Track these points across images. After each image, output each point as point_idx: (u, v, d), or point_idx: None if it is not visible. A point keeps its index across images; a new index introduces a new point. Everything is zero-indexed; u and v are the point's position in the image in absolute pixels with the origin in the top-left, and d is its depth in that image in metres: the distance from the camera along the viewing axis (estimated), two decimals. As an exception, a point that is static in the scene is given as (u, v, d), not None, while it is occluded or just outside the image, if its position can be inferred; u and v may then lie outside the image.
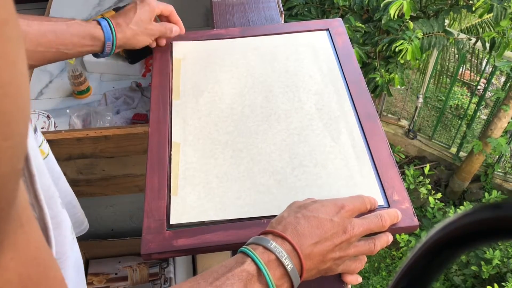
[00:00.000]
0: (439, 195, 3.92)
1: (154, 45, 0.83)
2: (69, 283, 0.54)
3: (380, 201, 0.61)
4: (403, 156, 4.64)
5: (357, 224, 0.52)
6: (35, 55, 0.68)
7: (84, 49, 0.74)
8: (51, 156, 0.65)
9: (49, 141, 1.10)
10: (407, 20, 2.67)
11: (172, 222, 0.59)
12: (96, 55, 0.79)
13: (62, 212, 0.55)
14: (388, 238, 0.56)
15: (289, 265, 0.47)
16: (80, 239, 1.44)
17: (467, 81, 4.77)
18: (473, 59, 4.43)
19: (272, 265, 0.47)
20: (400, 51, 2.62)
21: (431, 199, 3.81)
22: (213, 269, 0.47)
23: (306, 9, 2.89)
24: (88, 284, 1.36)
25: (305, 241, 0.49)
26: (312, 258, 0.49)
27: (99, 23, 0.74)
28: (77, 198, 1.25)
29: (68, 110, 1.33)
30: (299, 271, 0.48)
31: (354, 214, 0.54)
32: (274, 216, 0.60)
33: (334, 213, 0.51)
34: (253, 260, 0.47)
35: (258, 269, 0.47)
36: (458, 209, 3.97)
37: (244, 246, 0.50)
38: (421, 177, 3.96)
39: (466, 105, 4.70)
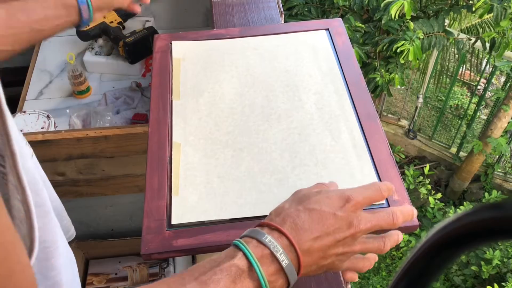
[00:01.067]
0: (439, 195, 3.92)
1: (130, 8, 0.81)
2: (61, 270, 0.53)
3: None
4: (403, 156, 4.64)
5: (364, 219, 0.48)
6: (8, 40, 0.66)
7: (60, 21, 0.71)
8: (35, 159, 0.64)
9: (49, 141, 1.10)
10: (408, 20, 2.67)
11: (173, 222, 0.59)
12: (78, 32, 0.74)
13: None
14: (398, 238, 0.52)
15: (284, 260, 0.45)
16: (80, 239, 1.45)
17: (467, 81, 4.76)
18: (473, 59, 4.43)
19: (265, 260, 0.44)
20: (402, 51, 2.62)
21: (431, 199, 3.81)
22: (202, 263, 0.45)
23: (306, 9, 2.89)
24: (88, 284, 1.36)
25: (304, 235, 0.46)
26: (311, 254, 0.46)
27: None
28: (77, 199, 1.25)
29: (68, 110, 1.33)
30: (296, 267, 0.46)
31: (363, 206, 0.49)
32: (274, 216, 0.60)
33: (338, 206, 0.48)
34: (244, 254, 0.44)
35: (250, 264, 0.44)
36: (458, 209, 3.97)
37: (237, 239, 0.47)
38: (421, 177, 3.96)
39: (466, 105, 4.70)
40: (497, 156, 4.32)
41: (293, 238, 0.46)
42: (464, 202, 4.05)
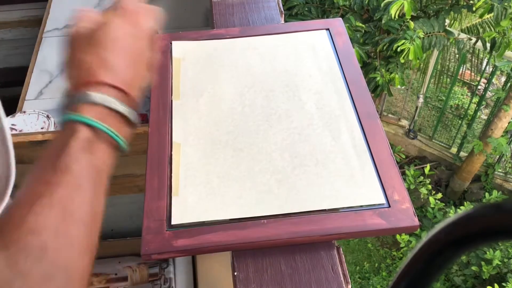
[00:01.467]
0: (439, 195, 3.92)
1: None
2: None
3: (381, 200, 0.61)
4: (404, 156, 4.64)
5: (147, 13, 0.48)
6: None
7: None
8: None
9: (49, 141, 1.10)
10: (408, 20, 2.67)
11: (173, 222, 0.59)
12: None
13: None
14: None
15: (120, 107, 0.42)
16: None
17: (468, 81, 4.76)
18: (473, 59, 4.43)
19: (104, 116, 0.41)
20: (402, 51, 2.62)
21: (431, 199, 3.81)
22: (43, 156, 0.39)
23: (306, 9, 2.89)
24: (88, 284, 1.36)
25: (120, 73, 0.43)
26: (134, 81, 0.45)
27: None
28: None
29: (68, 110, 1.33)
30: (131, 105, 0.44)
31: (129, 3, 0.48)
32: (275, 216, 0.60)
33: (124, 23, 0.46)
34: (83, 123, 0.39)
35: (94, 129, 0.39)
36: (458, 209, 3.97)
37: (63, 112, 0.41)
38: (422, 177, 3.96)
39: (467, 105, 4.70)
40: (498, 156, 4.32)
41: (114, 81, 0.42)
42: (465, 202, 4.05)
